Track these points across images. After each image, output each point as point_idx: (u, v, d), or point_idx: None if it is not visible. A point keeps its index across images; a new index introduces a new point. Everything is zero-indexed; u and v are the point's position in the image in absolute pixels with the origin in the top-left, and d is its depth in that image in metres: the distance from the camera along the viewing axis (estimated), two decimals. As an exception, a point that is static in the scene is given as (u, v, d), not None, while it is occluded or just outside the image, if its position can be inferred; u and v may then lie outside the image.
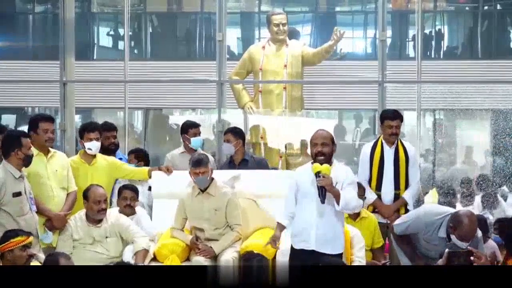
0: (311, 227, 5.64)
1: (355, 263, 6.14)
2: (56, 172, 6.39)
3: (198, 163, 6.32)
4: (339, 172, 5.66)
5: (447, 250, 4.81)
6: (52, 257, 5.35)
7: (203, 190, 6.38)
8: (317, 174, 5.53)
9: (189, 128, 7.51)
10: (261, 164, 7.39)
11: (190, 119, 7.96)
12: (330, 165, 5.62)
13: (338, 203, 5.56)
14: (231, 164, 7.30)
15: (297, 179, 5.81)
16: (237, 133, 7.36)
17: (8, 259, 5.32)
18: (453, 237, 5.54)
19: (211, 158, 6.96)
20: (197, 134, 7.47)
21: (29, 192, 5.99)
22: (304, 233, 5.67)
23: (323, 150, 5.63)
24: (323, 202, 5.55)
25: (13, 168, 5.90)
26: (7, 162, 5.92)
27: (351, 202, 5.61)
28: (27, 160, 5.97)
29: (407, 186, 6.95)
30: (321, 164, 5.59)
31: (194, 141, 7.43)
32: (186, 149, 7.48)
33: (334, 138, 5.79)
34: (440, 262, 4.86)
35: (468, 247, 4.86)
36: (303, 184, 5.72)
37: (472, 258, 4.60)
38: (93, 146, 6.78)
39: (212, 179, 6.42)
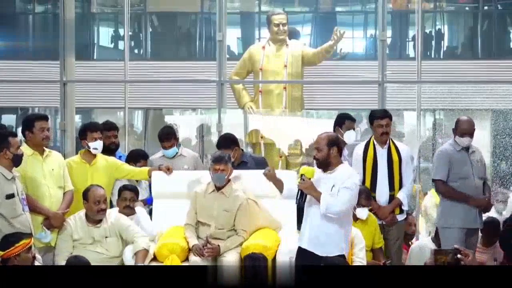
0: (305, 227, 5.72)
1: (356, 263, 6.14)
2: (52, 171, 6.36)
3: (218, 160, 6.34)
4: (341, 175, 5.62)
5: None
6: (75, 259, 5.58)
7: (218, 189, 6.39)
8: (301, 177, 5.62)
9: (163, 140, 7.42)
10: (261, 163, 7.30)
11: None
12: (331, 167, 5.63)
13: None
14: None
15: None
16: (227, 140, 7.19)
17: (15, 263, 5.31)
18: (457, 138, 6.76)
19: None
20: (173, 145, 7.35)
21: (21, 192, 5.95)
22: (303, 232, 5.76)
23: (316, 155, 5.68)
24: (299, 204, 5.67)
25: (4, 170, 5.85)
26: None
27: (333, 206, 5.53)
28: (16, 160, 5.91)
29: (401, 186, 6.95)
30: (319, 167, 5.66)
31: (167, 153, 7.35)
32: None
33: (336, 140, 5.75)
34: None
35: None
36: None
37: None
38: (98, 145, 6.79)
39: (229, 180, 6.42)
